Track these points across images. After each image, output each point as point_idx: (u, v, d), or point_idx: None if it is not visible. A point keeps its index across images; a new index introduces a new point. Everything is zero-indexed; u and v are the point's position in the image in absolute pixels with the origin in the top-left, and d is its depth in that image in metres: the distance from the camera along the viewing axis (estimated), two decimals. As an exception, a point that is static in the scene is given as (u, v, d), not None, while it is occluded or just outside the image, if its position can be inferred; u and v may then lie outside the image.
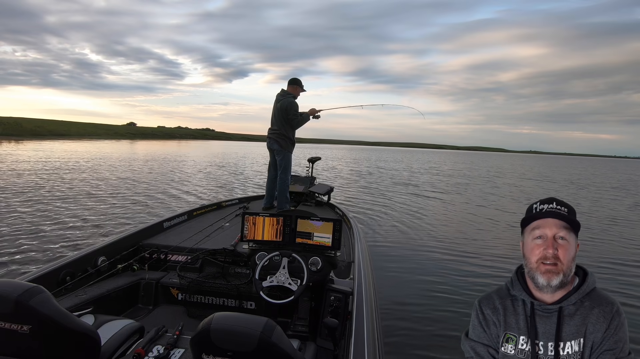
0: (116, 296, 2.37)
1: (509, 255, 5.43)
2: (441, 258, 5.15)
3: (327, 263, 2.14)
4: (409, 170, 25.36)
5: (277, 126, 4.31)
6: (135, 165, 17.72)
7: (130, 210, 7.45)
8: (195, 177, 14.37)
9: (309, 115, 4.47)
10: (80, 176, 12.14)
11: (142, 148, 36.63)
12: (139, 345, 1.39)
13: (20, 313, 1.09)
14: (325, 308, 1.99)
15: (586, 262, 5.17)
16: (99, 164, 16.75)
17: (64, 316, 1.16)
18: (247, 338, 0.97)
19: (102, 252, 2.49)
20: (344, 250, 3.00)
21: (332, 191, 5.35)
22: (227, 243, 2.93)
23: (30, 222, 5.96)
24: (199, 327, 1.01)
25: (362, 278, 2.11)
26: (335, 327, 1.59)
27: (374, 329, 1.62)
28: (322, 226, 2.21)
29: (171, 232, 3.30)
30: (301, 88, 4.38)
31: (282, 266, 2.02)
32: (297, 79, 4.33)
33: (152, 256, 2.80)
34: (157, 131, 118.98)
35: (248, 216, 2.26)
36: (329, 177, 16.76)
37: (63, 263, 2.19)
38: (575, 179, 23.65)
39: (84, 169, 14.24)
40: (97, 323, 1.61)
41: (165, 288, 2.58)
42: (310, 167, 5.89)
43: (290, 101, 4.25)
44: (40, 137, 52.07)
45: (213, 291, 2.51)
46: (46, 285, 1.30)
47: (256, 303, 2.49)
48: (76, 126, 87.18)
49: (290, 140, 4.37)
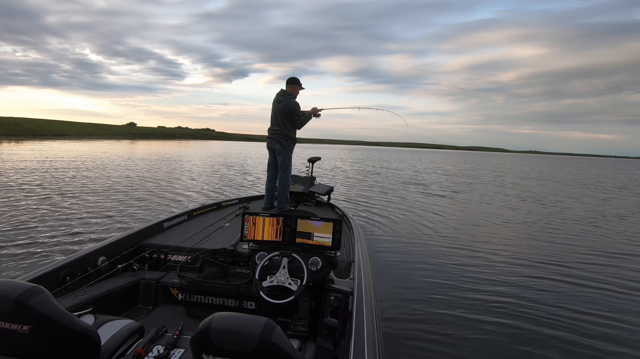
0: (116, 296, 2.37)
1: (510, 255, 5.43)
2: (442, 257, 5.15)
3: (327, 263, 2.14)
4: (413, 169, 25.40)
5: (278, 126, 4.31)
6: (139, 164, 17.72)
7: (134, 209, 7.46)
8: (203, 177, 14.37)
9: (311, 114, 4.50)
10: (80, 174, 12.14)
11: (143, 148, 36.61)
12: (139, 345, 1.39)
13: (20, 313, 1.09)
14: (325, 308, 2.00)
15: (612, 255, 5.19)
16: (101, 164, 16.75)
17: (64, 316, 1.16)
18: (247, 338, 0.97)
19: (102, 252, 2.49)
20: (344, 250, 3.01)
21: (332, 191, 5.36)
22: (227, 243, 2.93)
23: (31, 222, 5.96)
24: (199, 327, 1.01)
25: (362, 278, 2.11)
26: (335, 327, 1.59)
27: (374, 329, 1.62)
28: (322, 226, 2.21)
29: (171, 232, 3.30)
30: (300, 87, 4.40)
31: (282, 266, 2.03)
32: (295, 78, 4.34)
33: (152, 256, 2.80)
34: (157, 131, 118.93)
35: (248, 216, 2.26)
36: (334, 177, 16.79)
37: (63, 263, 2.19)
38: (581, 179, 23.69)
39: (84, 168, 14.25)
40: (97, 323, 1.61)
41: (165, 288, 2.58)
42: (310, 166, 5.90)
43: (293, 102, 4.25)
44: (40, 137, 52.05)
45: (213, 291, 2.52)
46: (46, 285, 1.30)
47: (256, 303, 2.49)
48: (76, 126, 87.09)
49: (292, 140, 4.40)
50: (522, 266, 4.95)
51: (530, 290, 4.08)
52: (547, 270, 4.80)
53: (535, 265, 5.00)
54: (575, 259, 5.38)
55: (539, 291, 4.08)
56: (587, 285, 4.36)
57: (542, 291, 4.07)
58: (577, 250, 5.93)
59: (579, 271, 4.82)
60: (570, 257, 5.47)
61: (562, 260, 5.31)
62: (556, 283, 4.37)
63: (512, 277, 4.47)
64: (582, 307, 3.72)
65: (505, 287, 4.15)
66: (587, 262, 5.27)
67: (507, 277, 4.46)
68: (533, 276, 4.53)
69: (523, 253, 5.63)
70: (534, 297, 3.90)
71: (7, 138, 41.06)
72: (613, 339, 3.11)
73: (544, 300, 3.83)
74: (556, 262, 5.18)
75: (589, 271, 4.88)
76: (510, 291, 4.04)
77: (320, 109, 4.57)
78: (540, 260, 5.24)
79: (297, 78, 4.35)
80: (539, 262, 5.15)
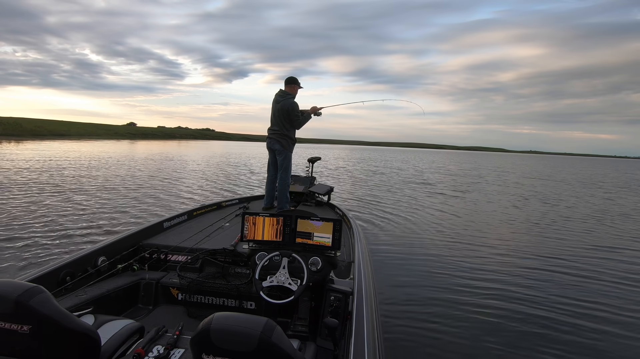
0: (116, 296, 2.37)
1: (512, 255, 5.43)
2: (443, 257, 5.14)
3: (327, 263, 2.14)
4: (415, 169, 25.40)
5: (278, 126, 4.31)
6: (142, 164, 17.71)
7: (139, 208, 7.45)
8: (215, 176, 14.38)
9: (310, 114, 4.48)
10: (78, 173, 12.15)
11: (144, 148, 36.59)
12: (139, 345, 1.39)
13: (20, 313, 1.09)
14: (325, 308, 1.99)
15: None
16: (105, 163, 16.75)
17: (64, 316, 1.16)
18: (247, 338, 0.97)
19: (102, 252, 2.49)
20: (344, 250, 3.01)
21: (332, 191, 5.36)
22: (227, 243, 2.93)
23: (30, 222, 5.96)
24: (199, 327, 1.01)
25: (362, 278, 2.11)
26: (335, 327, 1.59)
27: (374, 329, 1.62)
28: (322, 226, 2.21)
29: (171, 232, 3.31)
30: (299, 86, 4.39)
31: (282, 266, 2.03)
32: (293, 78, 4.34)
33: (152, 256, 2.80)
34: (157, 131, 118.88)
35: (248, 216, 2.26)
36: (339, 176, 16.79)
37: (63, 263, 2.19)
38: (583, 178, 23.69)
39: (85, 168, 14.25)
40: (97, 323, 1.61)
41: (165, 288, 2.58)
42: (310, 166, 5.89)
43: (292, 102, 4.26)
44: (40, 137, 52.14)
45: (213, 291, 2.52)
46: (46, 285, 1.30)
47: (256, 303, 2.49)
48: (76, 126, 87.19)
49: (292, 140, 4.41)
50: (524, 266, 4.94)
51: (533, 291, 4.06)
52: (554, 272, 4.78)
53: (540, 267, 4.98)
54: (579, 254, 5.38)
55: (543, 293, 4.06)
56: (595, 281, 4.35)
57: (545, 293, 4.06)
58: (583, 247, 5.92)
59: (583, 267, 4.82)
60: (575, 253, 5.47)
61: (566, 257, 5.31)
62: (559, 282, 4.36)
63: (512, 277, 4.46)
64: (590, 303, 3.70)
65: (506, 287, 4.14)
66: (592, 256, 5.26)
67: (508, 277, 4.46)
68: (533, 277, 4.52)
69: (524, 253, 5.62)
70: (538, 298, 3.88)
71: (7, 138, 41.13)
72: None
73: (549, 302, 3.80)
74: (561, 260, 5.17)
75: (596, 267, 4.87)
76: (511, 291, 4.03)
77: (320, 107, 4.56)
78: (546, 263, 5.18)
79: (296, 78, 4.34)
80: (545, 264, 5.12)
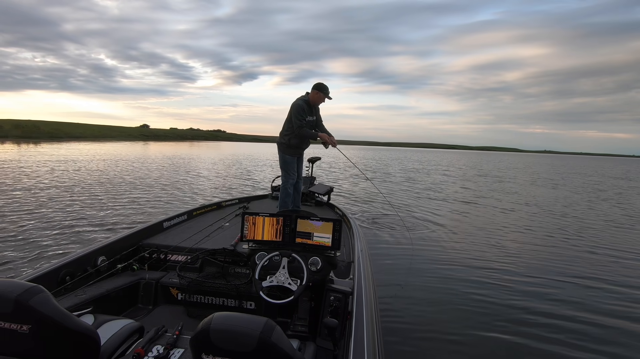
0: (116, 296, 2.37)
1: (513, 255, 5.42)
2: (443, 257, 5.14)
3: (327, 263, 2.14)
4: (423, 171, 25.29)
5: (284, 127, 4.25)
6: (161, 164, 17.71)
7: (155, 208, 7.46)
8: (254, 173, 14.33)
9: (315, 134, 4.08)
10: (91, 174, 12.17)
11: (157, 150, 36.38)
12: (139, 345, 1.39)
13: (20, 312, 1.09)
14: (325, 308, 1.99)
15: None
16: (119, 166, 16.75)
17: (64, 316, 1.16)
18: (246, 338, 0.97)
19: (101, 252, 2.49)
20: (344, 250, 3.01)
21: (332, 191, 5.36)
22: (227, 243, 2.93)
23: (30, 222, 5.96)
24: (199, 327, 1.01)
25: (362, 278, 2.11)
26: (335, 327, 1.59)
27: (374, 329, 1.62)
28: (322, 226, 2.21)
29: (171, 232, 3.31)
30: (322, 93, 4.02)
31: (282, 266, 2.03)
32: (320, 84, 4.03)
33: (152, 256, 2.80)
34: (169, 133, 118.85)
35: (248, 216, 2.26)
36: (343, 174, 16.75)
37: (63, 262, 2.19)
38: (614, 176, 23.61)
39: (102, 169, 14.26)
40: (97, 322, 1.61)
41: (165, 288, 2.58)
42: (310, 166, 5.89)
43: (294, 103, 4.11)
44: (57, 139, 52.70)
45: (213, 291, 2.52)
46: (46, 285, 1.30)
47: (256, 303, 2.49)
48: (91, 128, 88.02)
49: (286, 143, 4.20)
50: (525, 266, 4.93)
51: (537, 297, 4.00)
52: (553, 274, 4.79)
53: (540, 271, 4.99)
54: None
55: (545, 294, 4.05)
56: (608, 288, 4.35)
57: (545, 293, 4.06)
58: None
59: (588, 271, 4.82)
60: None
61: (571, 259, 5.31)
62: (562, 283, 4.36)
63: (513, 277, 4.46)
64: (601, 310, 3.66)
65: (507, 286, 4.13)
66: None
67: (508, 277, 4.45)
68: (535, 278, 4.52)
69: (526, 253, 5.62)
70: (539, 298, 3.87)
71: (26, 141, 41.48)
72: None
73: (550, 302, 3.79)
74: (565, 265, 5.17)
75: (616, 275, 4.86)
76: (512, 290, 4.03)
77: (331, 143, 4.05)
78: (550, 265, 5.18)
79: (322, 84, 4.02)
80: (548, 269, 5.13)
